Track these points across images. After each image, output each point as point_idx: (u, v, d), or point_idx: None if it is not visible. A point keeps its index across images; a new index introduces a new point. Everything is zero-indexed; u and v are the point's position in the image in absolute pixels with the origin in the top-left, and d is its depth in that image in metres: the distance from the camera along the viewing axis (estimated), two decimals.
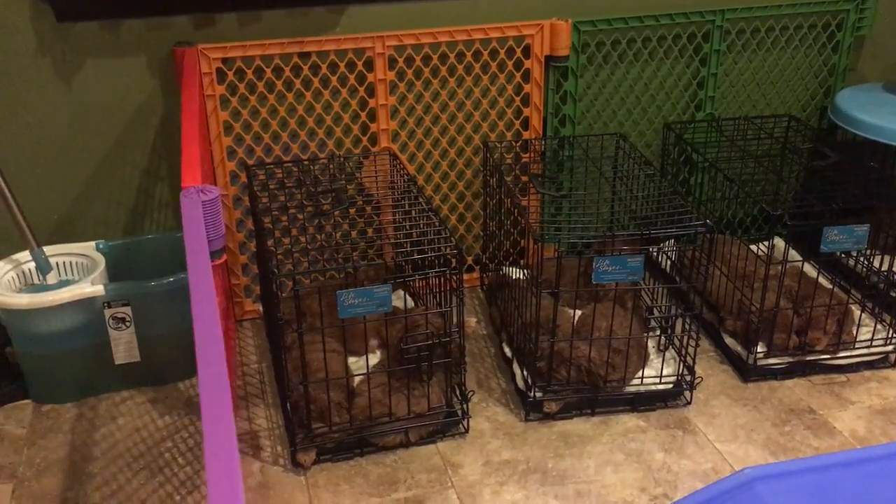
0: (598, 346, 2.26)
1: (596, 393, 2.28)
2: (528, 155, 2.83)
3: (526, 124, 2.80)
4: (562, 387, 2.28)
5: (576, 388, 2.28)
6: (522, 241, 2.92)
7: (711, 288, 2.61)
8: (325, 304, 2.31)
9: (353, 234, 2.77)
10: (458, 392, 2.25)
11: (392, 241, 2.79)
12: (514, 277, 2.68)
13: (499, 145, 2.77)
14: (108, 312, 2.34)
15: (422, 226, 2.25)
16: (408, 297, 2.72)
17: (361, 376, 2.22)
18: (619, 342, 2.27)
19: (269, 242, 2.54)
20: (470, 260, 2.98)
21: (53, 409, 2.39)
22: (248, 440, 2.25)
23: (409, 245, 2.31)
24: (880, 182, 2.71)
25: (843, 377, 2.46)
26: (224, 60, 2.46)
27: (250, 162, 2.60)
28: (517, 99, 2.76)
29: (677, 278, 2.74)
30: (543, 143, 2.82)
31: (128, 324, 2.38)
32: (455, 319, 2.12)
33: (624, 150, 2.77)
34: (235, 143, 2.58)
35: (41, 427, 2.31)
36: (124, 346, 2.41)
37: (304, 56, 2.52)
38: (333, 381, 2.12)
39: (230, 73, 2.48)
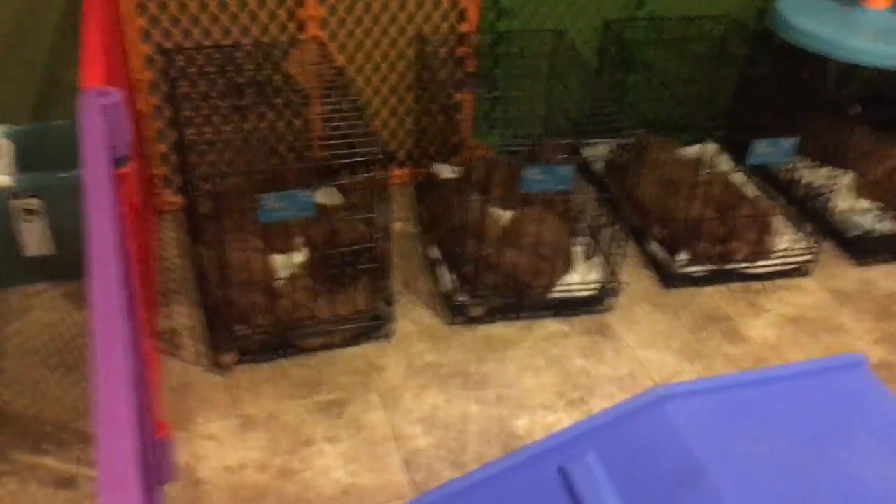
0: (525, 252, 2.26)
1: (521, 299, 2.30)
2: (462, 49, 2.73)
3: (462, 16, 2.69)
4: (488, 291, 2.28)
5: (501, 294, 2.29)
6: (454, 138, 2.86)
7: (641, 194, 2.61)
8: (248, 200, 2.24)
9: (280, 126, 2.67)
10: (383, 296, 2.23)
11: (318, 137, 2.70)
12: (443, 177, 2.64)
13: (432, 38, 2.66)
14: (15, 203, 2.23)
15: (346, 126, 2.17)
16: (337, 192, 2.67)
17: (285, 280, 2.19)
18: (547, 249, 2.27)
19: (190, 133, 2.43)
20: (402, 154, 2.91)
21: None
22: (169, 339, 2.21)
23: (335, 143, 2.23)
24: (812, 92, 2.70)
25: (759, 285, 2.52)
26: None
27: (167, 45, 2.44)
28: None
29: (606, 182, 2.74)
30: (478, 37, 2.71)
31: (39, 215, 2.27)
32: (381, 224, 2.08)
33: (561, 49, 2.69)
34: (150, 25, 2.41)
35: None
36: (35, 239, 2.31)
37: None
38: (254, 284, 2.08)
39: None
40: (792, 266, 2.54)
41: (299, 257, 2.34)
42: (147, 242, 2.36)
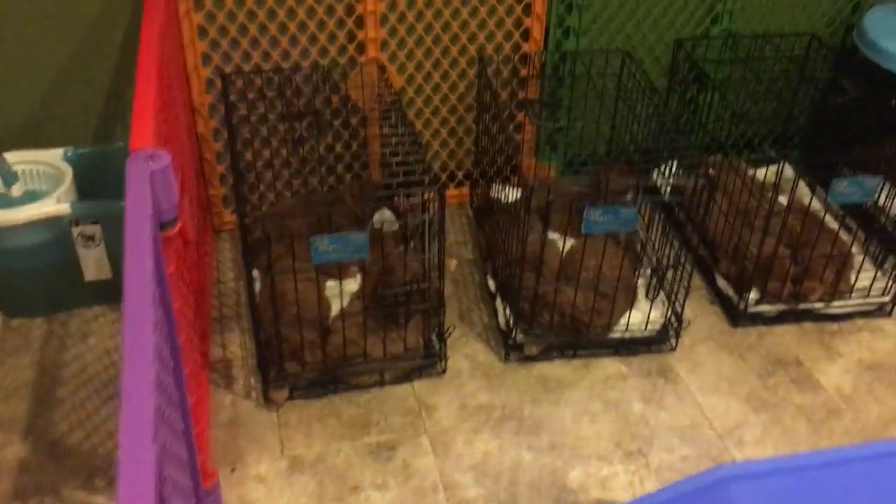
0: (584, 290, 2.17)
1: (579, 338, 2.22)
2: (526, 69, 2.64)
3: (526, 36, 2.59)
4: (544, 330, 2.21)
5: (558, 333, 2.22)
6: (514, 160, 2.78)
7: (709, 223, 2.49)
8: (304, 223, 2.23)
9: (337, 148, 2.63)
10: (436, 333, 2.18)
11: (377, 159, 2.66)
12: (503, 200, 2.56)
13: (496, 57, 2.58)
14: (75, 231, 2.24)
15: (402, 149, 2.11)
16: (393, 217, 2.63)
17: (336, 314, 2.15)
18: (608, 286, 2.18)
19: (247, 155, 2.41)
20: (461, 175, 2.84)
21: (23, 323, 2.33)
22: (222, 369, 2.21)
23: (390, 169, 2.19)
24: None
25: (835, 326, 2.39)
26: None
27: (227, 69, 2.42)
28: (518, 7, 2.54)
29: (675, 210, 2.63)
30: (544, 56, 2.62)
31: (97, 241, 2.28)
32: (435, 261, 2.03)
33: (629, 70, 2.58)
34: (211, 48, 2.39)
35: (10, 345, 2.26)
36: (94, 264, 2.33)
37: None
38: (307, 320, 2.05)
39: None
40: (873, 306, 2.39)
41: (353, 285, 2.30)
42: (203, 271, 2.35)
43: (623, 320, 2.25)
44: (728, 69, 2.74)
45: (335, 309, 2.21)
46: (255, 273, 2.35)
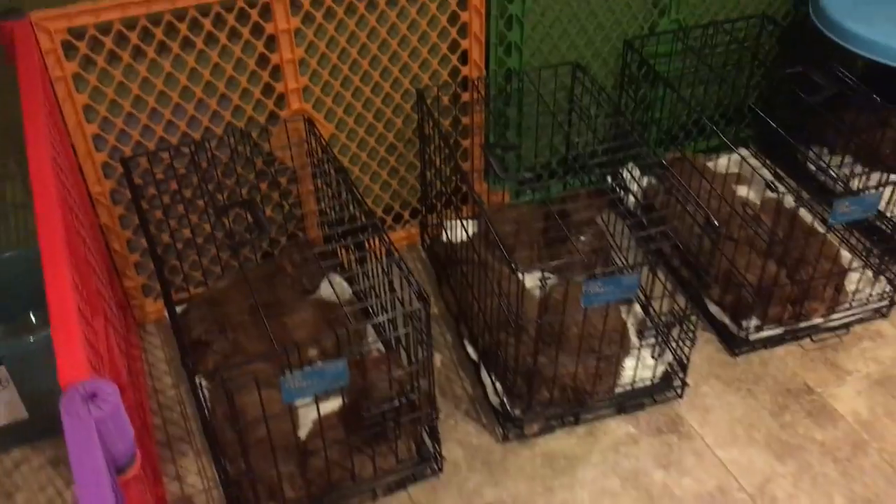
0: (583, 355, 1.94)
1: (581, 407, 2.00)
2: (468, 94, 2.34)
3: (464, 58, 2.29)
4: (543, 406, 1.98)
5: (557, 404, 1.99)
6: (462, 189, 2.51)
7: (684, 236, 2.26)
8: (245, 307, 1.95)
9: (268, 211, 2.29)
10: (428, 433, 1.92)
11: (313, 215, 2.34)
12: (459, 240, 2.29)
13: (434, 88, 2.27)
14: None
15: (337, 200, 1.82)
16: (344, 283, 2.33)
17: (311, 426, 1.86)
18: (607, 343, 1.96)
19: (164, 237, 2.07)
20: (407, 214, 2.55)
21: None
22: None
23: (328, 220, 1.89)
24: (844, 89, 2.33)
25: (836, 338, 2.25)
26: (71, 31, 1.82)
27: (125, 150, 2.03)
28: (453, 30, 2.22)
29: (643, 220, 2.42)
30: (487, 78, 2.33)
31: (4, 383, 1.90)
32: (420, 362, 1.75)
33: (580, 80, 2.32)
34: (102, 129, 1.99)
35: None
36: (5, 406, 1.95)
37: (180, 12, 1.90)
38: (281, 447, 1.75)
39: (82, 46, 1.85)
40: (869, 312, 2.26)
41: (332, 403, 1.99)
42: (135, 385, 2.01)
43: (626, 374, 2.04)
44: (680, 63, 2.52)
45: (308, 420, 1.92)
46: (200, 380, 2.03)
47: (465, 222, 2.27)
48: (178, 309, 2.18)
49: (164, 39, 1.92)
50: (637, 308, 2.22)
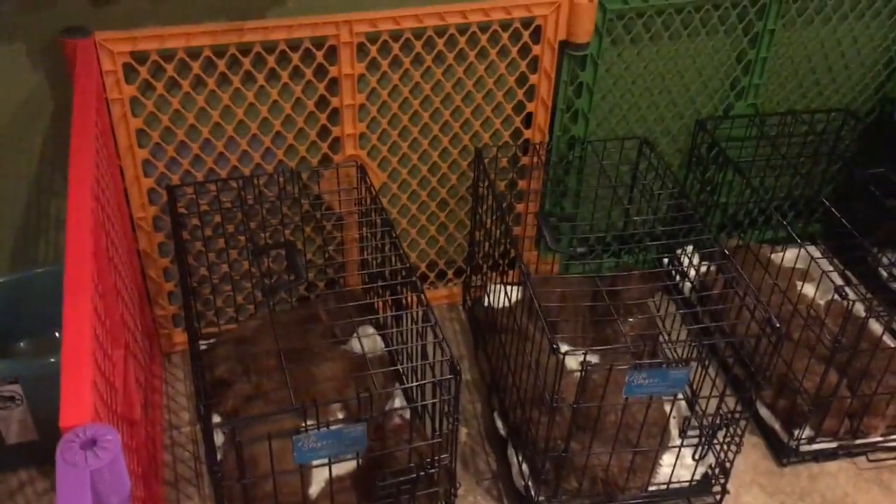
0: (618, 446, 1.82)
1: (610, 501, 1.87)
2: (528, 158, 2.27)
3: (528, 121, 2.22)
4: (570, 497, 1.86)
5: (587, 496, 1.86)
6: (514, 252, 2.42)
7: (739, 324, 2.12)
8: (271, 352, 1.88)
9: (309, 254, 2.23)
10: None
11: (354, 266, 2.28)
12: (501, 306, 2.19)
13: (494, 148, 2.20)
14: None
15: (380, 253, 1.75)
16: (378, 337, 2.25)
17: (323, 485, 1.77)
18: (645, 437, 1.83)
19: (201, 270, 2.01)
20: (451, 273, 2.47)
21: None
22: None
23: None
24: None
25: (894, 460, 2.08)
26: (133, 54, 1.80)
27: (174, 178, 2.00)
28: (520, 92, 2.16)
29: (698, 310, 2.30)
30: (549, 144, 2.25)
31: (18, 402, 1.85)
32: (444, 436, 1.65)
33: (646, 156, 2.23)
34: (154, 155, 1.96)
35: None
36: (17, 425, 1.90)
37: (245, 46, 1.87)
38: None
39: (143, 70, 1.83)
40: None
41: (347, 466, 1.90)
42: (152, 421, 1.94)
43: (663, 472, 1.90)
44: (753, 149, 2.42)
45: (321, 479, 1.82)
46: (217, 418, 1.96)
47: (509, 288, 2.19)
48: (205, 344, 2.13)
49: (226, 72, 1.89)
50: (682, 402, 2.09)
